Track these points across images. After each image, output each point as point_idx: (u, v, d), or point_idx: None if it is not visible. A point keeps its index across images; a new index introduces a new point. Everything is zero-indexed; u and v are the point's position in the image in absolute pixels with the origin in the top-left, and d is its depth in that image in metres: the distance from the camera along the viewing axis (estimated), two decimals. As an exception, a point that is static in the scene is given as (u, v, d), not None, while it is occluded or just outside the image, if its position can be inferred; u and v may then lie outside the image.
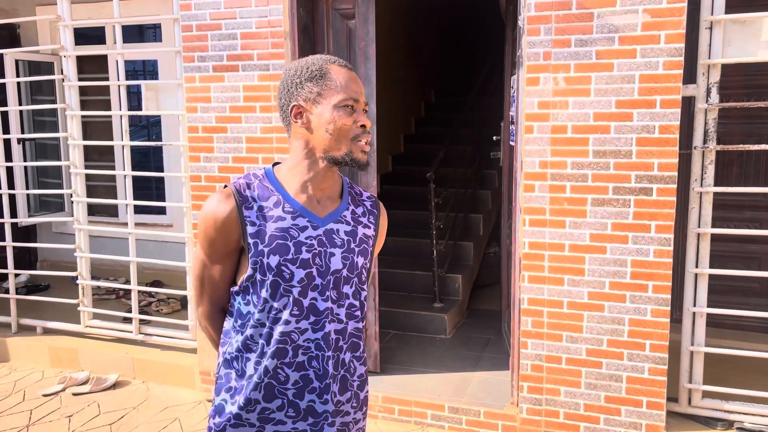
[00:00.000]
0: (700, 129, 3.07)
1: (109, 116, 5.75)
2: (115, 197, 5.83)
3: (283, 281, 1.45)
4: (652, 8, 2.86)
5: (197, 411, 3.74)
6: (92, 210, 5.92)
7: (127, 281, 5.28)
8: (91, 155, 6.00)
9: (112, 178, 5.84)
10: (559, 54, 3.02)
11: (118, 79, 4.05)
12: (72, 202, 4.35)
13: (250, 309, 1.49)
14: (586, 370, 3.14)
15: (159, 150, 5.81)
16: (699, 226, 3.13)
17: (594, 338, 3.11)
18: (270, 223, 1.46)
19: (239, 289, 1.51)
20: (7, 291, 4.65)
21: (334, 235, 1.50)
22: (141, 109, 4.10)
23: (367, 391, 1.64)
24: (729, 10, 2.98)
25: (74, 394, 3.94)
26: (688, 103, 3.59)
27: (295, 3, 3.46)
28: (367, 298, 1.67)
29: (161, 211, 5.79)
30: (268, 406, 1.49)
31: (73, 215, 4.37)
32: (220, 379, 1.56)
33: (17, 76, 5.27)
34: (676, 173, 2.92)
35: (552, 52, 3.03)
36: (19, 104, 5.28)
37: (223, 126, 3.67)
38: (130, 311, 4.32)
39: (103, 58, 5.68)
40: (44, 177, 6.06)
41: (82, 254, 4.33)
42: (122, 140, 4.14)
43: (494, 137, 4.56)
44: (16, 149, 5.29)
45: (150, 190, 6.02)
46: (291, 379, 1.48)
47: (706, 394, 3.26)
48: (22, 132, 5.54)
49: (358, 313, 1.56)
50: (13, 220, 4.73)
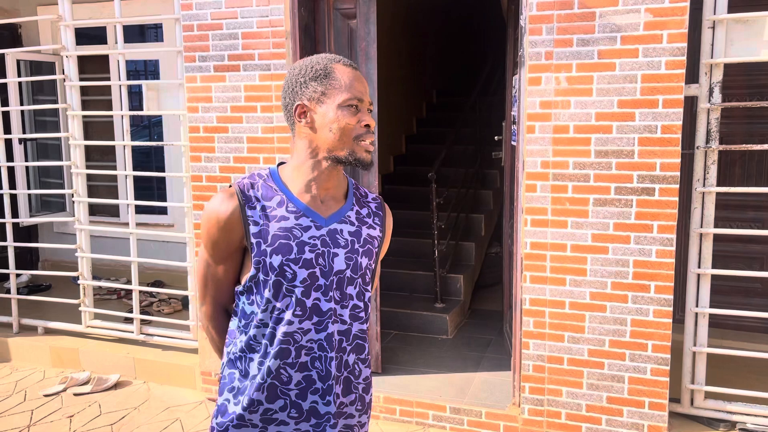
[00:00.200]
0: (703, 129, 3.07)
1: (111, 116, 5.75)
2: (116, 197, 5.84)
3: (285, 281, 1.44)
4: (655, 7, 2.86)
5: (198, 411, 3.73)
6: (93, 210, 5.92)
7: (129, 281, 5.28)
8: (93, 155, 6.01)
9: (114, 178, 5.84)
10: (561, 53, 3.01)
11: (120, 79, 4.05)
12: (73, 202, 4.35)
13: (253, 309, 1.49)
14: (588, 370, 3.13)
15: (160, 150, 5.81)
16: (701, 227, 3.12)
17: (596, 339, 3.10)
18: (273, 223, 1.45)
19: (243, 289, 1.50)
20: (9, 291, 4.65)
21: (337, 236, 1.50)
22: (142, 109, 4.10)
23: (371, 394, 1.63)
24: (731, 9, 2.97)
25: (75, 395, 3.94)
26: (691, 103, 3.58)
27: (296, 3, 3.45)
28: (372, 300, 1.66)
29: (162, 211, 5.79)
30: (271, 407, 1.48)
31: (74, 215, 4.37)
32: (223, 379, 1.55)
33: (18, 76, 5.28)
34: (679, 173, 2.91)
35: (554, 52, 3.02)
36: (21, 104, 5.29)
37: (224, 126, 3.67)
38: (132, 311, 4.32)
39: (105, 58, 5.68)
40: (46, 177, 6.07)
41: (83, 254, 4.32)
42: (123, 140, 4.14)
43: (496, 137, 4.55)
44: (18, 149, 5.29)
45: (151, 190, 6.02)
46: (294, 380, 1.47)
47: (709, 395, 3.25)
48: (24, 132, 5.54)
49: (363, 315, 1.55)
50: (15, 220, 4.73)
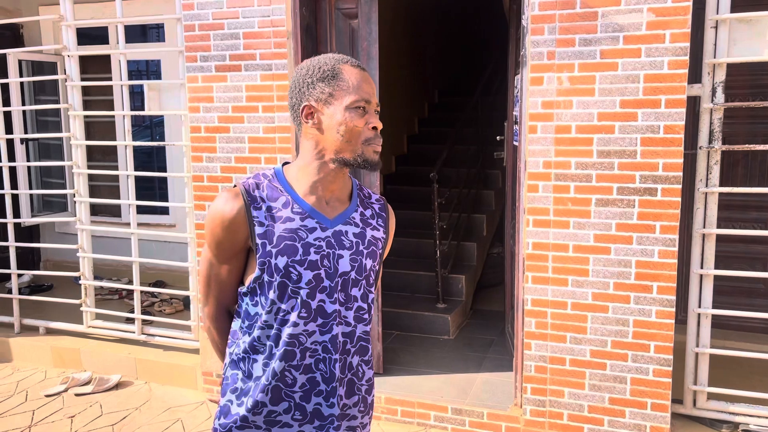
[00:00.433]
0: (706, 129, 3.05)
1: (112, 116, 5.75)
2: (118, 197, 5.84)
3: (290, 283, 1.44)
4: (657, 7, 2.84)
5: (199, 412, 3.73)
6: (95, 210, 5.93)
7: (130, 281, 5.28)
8: (95, 155, 6.01)
9: (115, 178, 5.84)
10: (563, 53, 3.00)
11: (121, 79, 4.05)
12: (75, 202, 4.35)
13: (257, 310, 1.48)
14: (590, 371, 3.12)
15: (162, 150, 5.81)
16: (704, 227, 3.11)
17: (598, 339, 3.09)
18: (278, 224, 1.44)
19: (247, 290, 1.49)
20: (10, 291, 4.65)
21: (342, 237, 1.49)
22: (144, 109, 4.10)
23: (374, 395, 1.63)
24: (735, 9, 2.96)
25: (77, 395, 3.93)
26: (694, 103, 3.57)
27: (297, 2, 3.44)
28: (375, 301, 1.66)
29: (164, 211, 5.79)
30: (275, 409, 1.47)
31: (75, 215, 4.37)
32: (226, 380, 1.54)
33: (20, 75, 5.29)
34: (681, 173, 2.90)
35: (556, 52, 3.01)
36: (23, 104, 5.29)
37: (226, 126, 3.66)
38: (133, 311, 4.31)
39: (107, 58, 5.69)
40: (47, 177, 6.07)
41: (85, 254, 4.32)
42: (125, 140, 4.13)
43: (498, 137, 4.54)
44: (20, 149, 5.29)
45: (153, 190, 6.02)
46: (298, 382, 1.47)
47: (711, 396, 3.24)
48: (26, 132, 5.54)
49: (366, 316, 1.55)
50: (16, 220, 4.73)
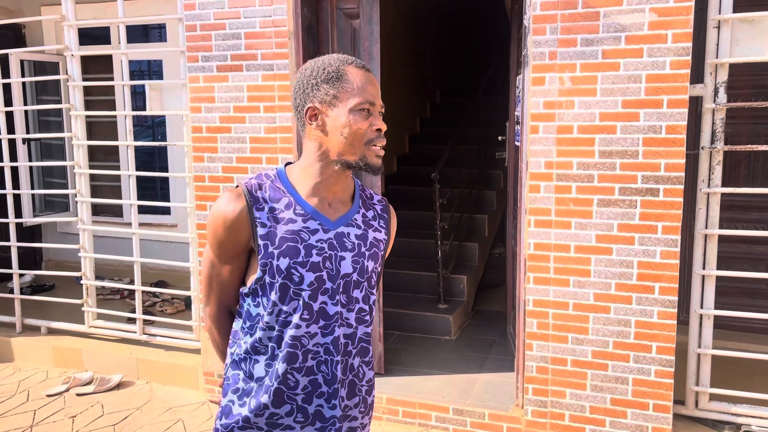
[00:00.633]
0: (708, 129, 3.05)
1: (114, 116, 5.76)
2: (119, 197, 5.84)
3: (292, 284, 1.43)
4: (659, 7, 2.84)
5: (201, 412, 3.73)
6: (97, 210, 5.93)
7: (132, 281, 5.28)
8: (96, 155, 6.02)
9: (117, 178, 5.85)
10: (564, 53, 3.00)
11: (123, 79, 4.05)
12: (76, 202, 4.36)
13: (259, 311, 1.48)
14: (591, 372, 3.12)
15: (164, 150, 5.81)
16: (706, 227, 3.10)
17: (600, 340, 3.09)
18: (281, 225, 1.44)
19: (249, 291, 1.49)
20: (12, 291, 4.65)
21: (344, 239, 1.49)
22: (146, 109, 4.10)
23: (374, 396, 1.63)
24: (737, 9, 2.95)
25: (78, 395, 3.94)
26: (696, 103, 3.56)
27: (299, 2, 3.44)
28: (376, 302, 1.65)
29: (166, 211, 5.79)
30: (277, 412, 1.47)
31: (77, 215, 4.38)
32: (227, 381, 1.54)
33: (22, 75, 5.29)
34: (683, 174, 2.89)
35: (558, 52, 3.01)
36: (25, 104, 5.29)
37: (227, 126, 3.66)
38: (134, 312, 4.31)
39: (109, 58, 5.69)
40: (49, 177, 6.07)
41: (86, 254, 4.32)
42: (126, 140, 4.14)
43: (499, 137, 4.53)
44: (21, 149, 5.30)
45: (155, 190, 6.02)
46: (300, 384, 1.47)
47: (714, 397, 3.23)
48: (28, 132, 5.55)
49: (368, 318, 1.55)
50: (18, 220, 4.73)
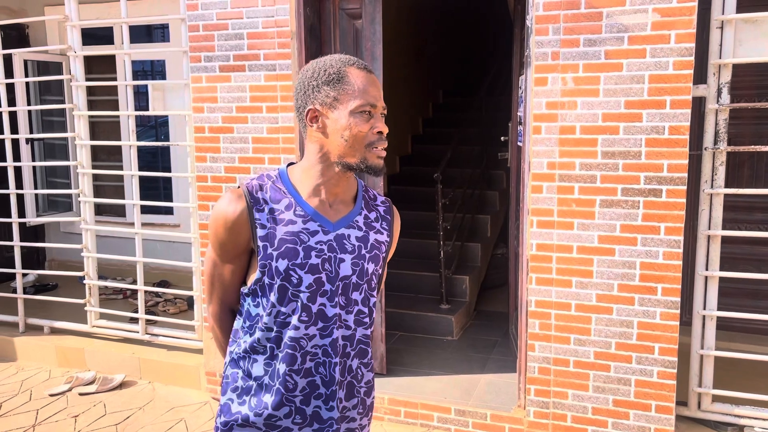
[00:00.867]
0: (711, 130, 3.04)
1: (117, 116, 5.76)
2: (122, 197, 5.85)
3: (291, 286, 1.44)
4: (662, 7, 2.83)
5: (203, 411, 3.73)
6: (100, 210, 5.94)
7: (134, 281, 5.29)
8: (99, 155, 6.03)
9: (120, 178, 5.85)
10: (567, 54, 2.99)
11: (126, 79, 4.06)
12: (79, 202, 4.36)
13: (258, 311, 1.48)
14: (594, 373, 3.11)
15: (167, 150, 5.82)
16: (709, 228, 3.10)
17: (602, 341, 3.08)
18: (280, 227, 1.44)
19: (248, 291, 1.50)
20: (15, 290, 4.66)
21: (345, 241, 1.48)
22: (149, 110, 4.10)
23: (373, 397, 1.62)
24: (740, 9, 2.94)
25: (80, 394, 3.94)
26: (699, 104, 3.55)
27: (301, 3, 3.44)
28: (377, 304, 1.65)
29: (168, 211, 5.79)
30: (276, 414, 1.47)
31: (80, 215, 4.38)
32: (226, 379, 1.55)
33: (26, 76, 5.30)
34: (686, 174, 2.89)
35: (560, 52, 3.00)
36: (28, 104, 5.30)
37: (230, 126, 3.67)
38: (137, 311, 4.32)
39: (112, 58, 5.70)
40: (52, 177, 6.09)
41: (89, 254, 4.33)
42: (129, 140, 4.14)
43: (502, 138, 4.53)
44: (25, 149, 5.31)
45: (157, 190, 6.03)
46: (299, 386, 1.47)
47: (716, 398, 3.22)
48: (31, 132, 5.56)
49: (367, 320, 1.54)
50: (22, 220, 4.74)
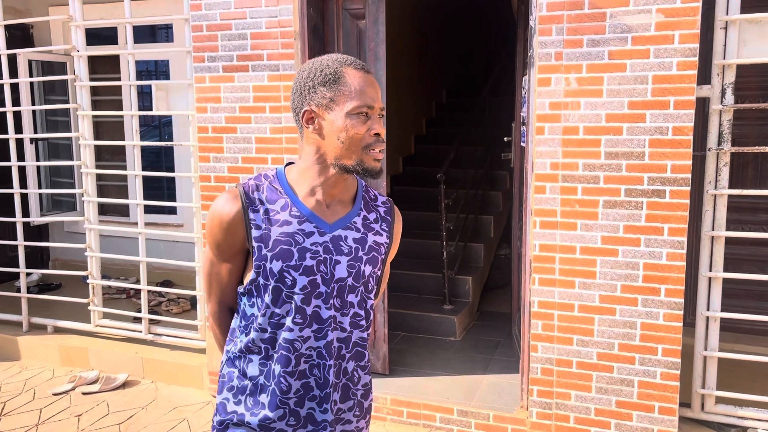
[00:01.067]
0: (715, 130, 3.03)
1: (121, 116, 5.77)
2: (126, 197, 5.86)
3: (285, 287, 1.43)
4: (666, 8, 2.82)
5: (206, 411, 3.74)
6: (104, 210, 5.95)
7: (138, 281, 5.30)
8: (103, 155, 6.04)
9: (124, 178, 5.87)
10: (570, 54, 2.99)
11: (130, 80, 4.06)
12: (83, 202, 4.37)
13: (254, 312, 1.48)
14: (597, 374, 3.11)
15: (170, 150, 5.83)
16: (713, 229, 3.09)
17: (605, 342, 3.07)
18: (275, 227, 1.43)
19: (244, 291, 1.49)
20: (19, 290, 4.68)
21: (341, 242, 1.47)
22: (152, 110, 4.11)
23: (371, 399, 1.61)
24: (744, 9, 2.93)
25: (84, 394, 3.95)
26: (703, 104, 3.55)
27: (305, 3, 3.45)
28: (375, 307, 1.64)
29: (172, 210, 5.80)
30: (269, 416, 1.47)
31: (84, 215, 4.39)
32: (222, 378, 1.55)
33: (30, 75, 5.32)
34: (690, 175, 2.88)
35: (564, 53, 3.00)
36: (32, 104, 5.32)
37: (233, 126, 3.67)
38: (140, 311, 4.33)
39: (116, 58, 5.71)
40: (56, 176, 6.10)
41: (93, 254, 4.34)
42: (133, 140, 4.15)
43: (505, 138, 4.52)
44: (29, 149, 5.32)
45: (161, 190, 6.04)
46: (293, 388, 1.46)
47: (720, 400, 3.21)
48: (35, 132, 5.57)
49: (363, 323, 1.53)
50: (25, 219, 4.76)
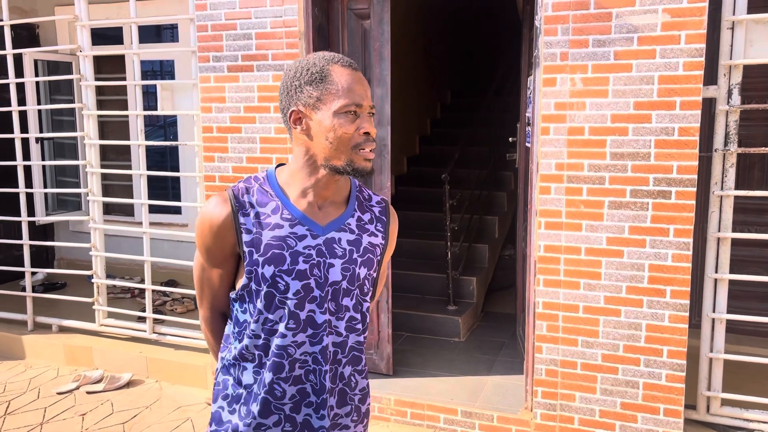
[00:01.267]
0: (721, 131, 3.01)
1: (126, 116, 5.79)
2: (131, 196, 5.87)
3: (277, 293, 1.39)
4: (672, 8, 2.81)
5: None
6: (109, 209, 5.96)
7: (142, 280, 5.31)
8: (109, 155, 6.05)
9: (129, 178, 5.88)
10: (576, 54, 2.98)
11: (135, 79, 4.07)
12: (88, 201, 4.38)
13: (246, 318, 1.44)
14: (601, 375, 3.09)
15: (175, 150, 5.84)
16: (719, 231, 3.07)
17: (610, 343, 3.06)
18: (266, 231, 1.39)
19: (236, 296, 1.45)
20: (24, 289, 4.69)
21: (335, 245, 1.43)
22: (157, 109, 4.11)
23: (369, 404, 1.57)
24: (751, 9, 2.92)
25: (88, 393, 3.96)
26: (709, 105, 3.53)
27: (310, 3, 3.44)
28: (373, 308, 1.61)
29: (177, 210, 5.81)
30: (264, 422, 1.44)
31: (89, 214, 4.40)
32: (217, 386, 1.51)
33: (36, 75, 5.33)
34: (696, 176, 2.86)
35: (569, 53, 2.99)
36: (38, 104, 5.33)
37: (238, 126, 3.67)
38: (145, 310, 4.34)
39: (121, 58, 5.72)
40: (62, 176, 6.12)
41: (98, 253, 4.35)
42: (138, 140, 4.16)
43: (510, 138, 4.51)
44: (35, 148, 5.35)
45: (166, 189, 6.05)
46: (288, 394, 1.43)
47: (725, 402, 3.19)
48: (41, 131, 5.59)
49: (359, 326, 1.49)
50: (31, 219, 4.77)
